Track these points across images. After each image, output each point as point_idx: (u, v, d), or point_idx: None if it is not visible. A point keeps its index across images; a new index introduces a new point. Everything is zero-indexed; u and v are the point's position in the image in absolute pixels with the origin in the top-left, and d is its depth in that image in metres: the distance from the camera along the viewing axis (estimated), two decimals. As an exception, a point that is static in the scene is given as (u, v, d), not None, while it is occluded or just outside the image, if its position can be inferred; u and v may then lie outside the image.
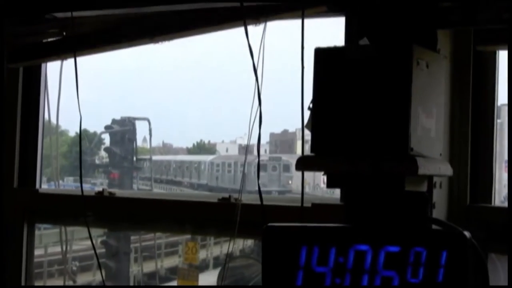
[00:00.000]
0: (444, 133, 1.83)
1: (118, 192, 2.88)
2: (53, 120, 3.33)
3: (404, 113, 1.62)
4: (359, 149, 1.67)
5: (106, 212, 2.93)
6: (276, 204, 2.31)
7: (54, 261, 10.71)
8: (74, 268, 11.07)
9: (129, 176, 14.91)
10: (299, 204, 2.04)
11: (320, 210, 2.17)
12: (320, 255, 1.66)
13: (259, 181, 2.12)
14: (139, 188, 16.86)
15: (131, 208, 2.83)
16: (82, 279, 11.47)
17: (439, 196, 1.85)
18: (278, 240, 1.72)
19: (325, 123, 1.72)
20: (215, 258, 16.68)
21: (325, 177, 1.74)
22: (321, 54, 1.74)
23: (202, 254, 15.20)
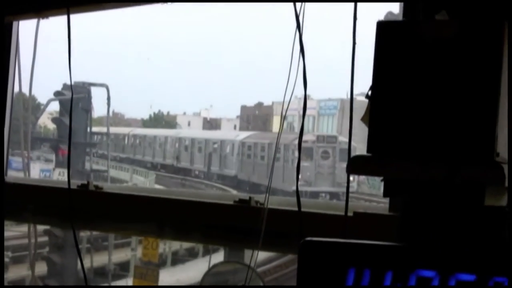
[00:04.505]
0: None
1: (106, 186, 2.64)
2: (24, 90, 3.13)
3: (491, 108, 1.47)
4: (430, 151, 1.51)
5: (90, 210, 2.66)
6: (310, 211, 2.09)
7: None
8: (7, 259, 10.26)
9: (82, 154, 14.20)
10: (339, 212, 1.84)
11: (364, 220, 1.98)
12: (372, 280, 1.53)
13: (298, 178, 1.89)
14: (92, 169, 16.26)
15: (123, 206, 2.57)
16: (14, 273, 10.85)
17: (521, 212, 1.66)
18: (319, 258, 1.58)
19: (387, 116, 1.56)
20: (174, 253, 16.15)
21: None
22: (385, 29, 1.57)
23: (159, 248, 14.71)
